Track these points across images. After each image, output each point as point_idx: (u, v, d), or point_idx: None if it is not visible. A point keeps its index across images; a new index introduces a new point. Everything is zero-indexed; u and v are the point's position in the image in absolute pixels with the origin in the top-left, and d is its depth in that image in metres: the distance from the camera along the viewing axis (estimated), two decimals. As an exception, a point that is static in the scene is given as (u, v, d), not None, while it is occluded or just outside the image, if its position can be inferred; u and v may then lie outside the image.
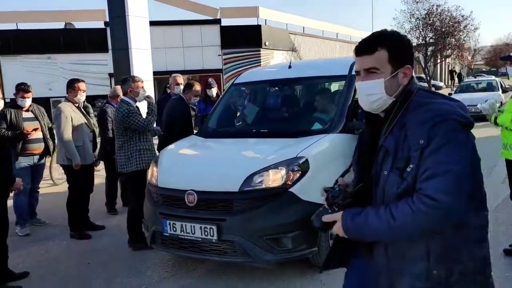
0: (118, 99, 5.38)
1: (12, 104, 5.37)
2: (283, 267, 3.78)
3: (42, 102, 5.42)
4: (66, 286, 3.97)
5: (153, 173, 4.11)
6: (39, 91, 16.79)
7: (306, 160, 3.65)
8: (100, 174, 5.81)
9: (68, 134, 4.95)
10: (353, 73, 4.56)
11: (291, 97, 5.31)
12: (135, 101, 4.63)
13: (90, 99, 4.43)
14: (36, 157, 5.38)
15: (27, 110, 5.29)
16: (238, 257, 3.53)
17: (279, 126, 4.77)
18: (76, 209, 5.18)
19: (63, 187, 5.30)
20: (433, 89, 31.30)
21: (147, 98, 4.73)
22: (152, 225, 3.90)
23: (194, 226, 3.56)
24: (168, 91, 6.65)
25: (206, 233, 3.51)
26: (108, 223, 5.52)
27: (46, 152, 5.48)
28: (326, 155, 3.95)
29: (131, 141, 4.53)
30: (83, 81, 5.28)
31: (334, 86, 5.18)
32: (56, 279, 4.11)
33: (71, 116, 5.02)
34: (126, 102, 4.57)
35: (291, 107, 5.05)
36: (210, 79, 6.94)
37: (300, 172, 3.60)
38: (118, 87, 5.84)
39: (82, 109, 5.33)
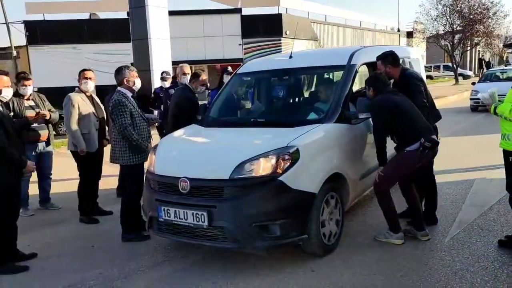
0: None
1: (14, 93, 5.54)
2: (274, 253, 3.86)
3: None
4: (70, 267, 4.17)
5: (151, 161, 4.25)
6: (66, 81, 17.35)
7: (297, 149, 3.70)
8: (107, 161, 5.99)
9: (73, 121, 5.14)
10: (352, 63, 4.61)
11: (290, 87, 5.34)
12: (132, 92, 4.60)
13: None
14: (42, 144, 5.58)
15: (28, 99, 5.47)
16: (228, 243, 3.62)
17: (277, 115, 4.83)
18: (85, 195, 5.41)
19: (77, 174, 5.54)
20: (460, 78, 30.53)
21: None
22: (149, 211, 4.05)
23: (186, 212, 3.68)
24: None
25: (197, 219, 3.63)
26: (115, 208, 5.71)
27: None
28: (318, 144, 3.99)
29: (117, 132, 4.56)
30: (90, 70, 5.45)
31: (334, 76, 5.18)
32: (61, 260, 4.31)
33: (79, 104, 5.20)
34: (122, 93, 4.52)
35: (290, 97, 5.10)
36: (229, 67, 7.16)
37: (290, 161, 3.65)
38: None
39: (94, 98, 5.50)
